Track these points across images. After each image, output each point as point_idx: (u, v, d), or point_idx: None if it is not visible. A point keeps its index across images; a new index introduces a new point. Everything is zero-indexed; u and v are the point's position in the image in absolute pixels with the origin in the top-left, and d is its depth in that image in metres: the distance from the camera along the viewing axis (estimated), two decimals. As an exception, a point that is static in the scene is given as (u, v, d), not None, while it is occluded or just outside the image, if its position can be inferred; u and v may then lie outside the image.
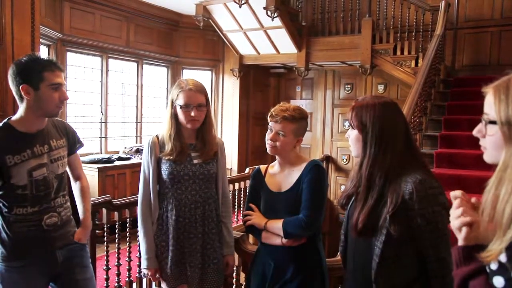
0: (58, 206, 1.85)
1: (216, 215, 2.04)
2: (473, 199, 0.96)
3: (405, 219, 1.30)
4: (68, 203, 1.94)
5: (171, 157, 1.95)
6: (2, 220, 1.75)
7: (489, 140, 0.92)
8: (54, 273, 1.86)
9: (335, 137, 7.25)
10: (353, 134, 1.44)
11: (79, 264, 1.92)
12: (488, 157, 0.95)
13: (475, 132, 0.97)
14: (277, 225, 1.81)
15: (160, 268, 2.00)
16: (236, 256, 2.28)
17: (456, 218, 0.94)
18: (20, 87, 1.70)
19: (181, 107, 1.93)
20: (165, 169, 1.97)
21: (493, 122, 0.89)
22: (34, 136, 1.78)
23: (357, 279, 1.48)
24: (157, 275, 2.01)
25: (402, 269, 1.35)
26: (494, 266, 0.85)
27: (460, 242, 0.94)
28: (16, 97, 1.75)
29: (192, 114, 1.92)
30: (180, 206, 1.97)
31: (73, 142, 1.98)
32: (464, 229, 0.92)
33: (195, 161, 1.99)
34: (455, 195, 0.97)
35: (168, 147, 1.97)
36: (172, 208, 1.97)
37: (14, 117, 1.78)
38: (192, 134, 2.02)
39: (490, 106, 0.90)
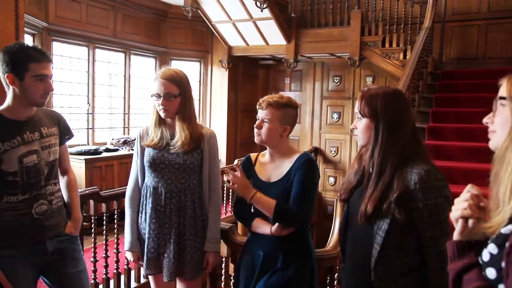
0: (49, 194, 1.83)
1: (193, 207, 1.99)
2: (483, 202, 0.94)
3: (409, 208, 1.32)
4: (60, 193, 1.93)
5: (151, 144, 1.99)
6: None
7: (498, 120, 0.96)
8: (44, 264, 1.84)
9: (324, 129, 7.28)
10: (362, 122, 1.44)
11: (70, 257, 1.90)
12: (495, 141, 0.96)
13: (485, 120, 1.00)
14: (266, 201, 1.75)
15: (141, 255, 2.05)
16: (225, 247, 2.28)
17: (458, 209, 0.94)
18: (6, 75, 1.69)
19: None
20: (145, 156, 2.02)
21: (503, 98, 0.94)
22: (23, 123, 1.77)
23: (355, 267, 1.49)
24: (140, 261, 2.05)
25: (402, 259, 1.36)
26: (486, 257, 0.86)
27: (455, 236, 0.95)
28: (4, 84, 1.74)
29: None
30: (157, 194, 1.99)
31: (64, 132, 1.97)
32: (460, 221, 0.93)
33: (172, 151, 1.98)
34: (470, 190, 0.95)
35: (150, 135, 2.02)
36: (150, 196, 2.00)
37: (2, 106, 1.77)
38: (173, 124, 2.00)
39: (503, 89, 0.95)
